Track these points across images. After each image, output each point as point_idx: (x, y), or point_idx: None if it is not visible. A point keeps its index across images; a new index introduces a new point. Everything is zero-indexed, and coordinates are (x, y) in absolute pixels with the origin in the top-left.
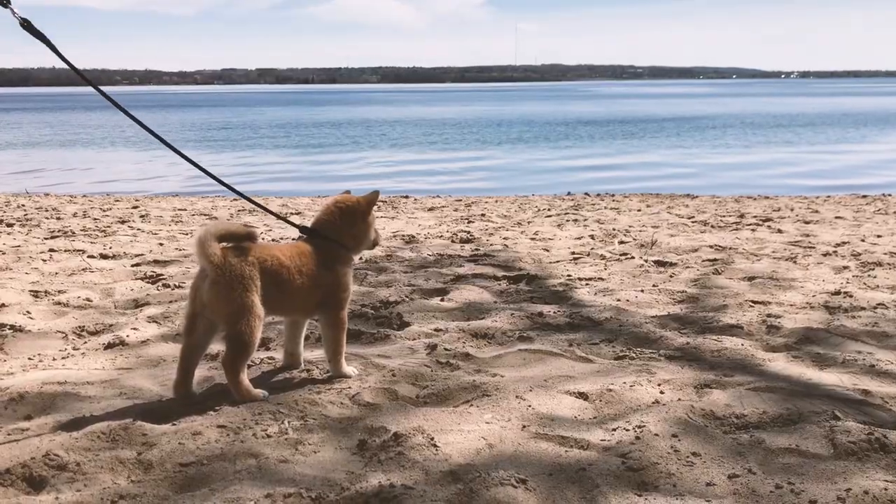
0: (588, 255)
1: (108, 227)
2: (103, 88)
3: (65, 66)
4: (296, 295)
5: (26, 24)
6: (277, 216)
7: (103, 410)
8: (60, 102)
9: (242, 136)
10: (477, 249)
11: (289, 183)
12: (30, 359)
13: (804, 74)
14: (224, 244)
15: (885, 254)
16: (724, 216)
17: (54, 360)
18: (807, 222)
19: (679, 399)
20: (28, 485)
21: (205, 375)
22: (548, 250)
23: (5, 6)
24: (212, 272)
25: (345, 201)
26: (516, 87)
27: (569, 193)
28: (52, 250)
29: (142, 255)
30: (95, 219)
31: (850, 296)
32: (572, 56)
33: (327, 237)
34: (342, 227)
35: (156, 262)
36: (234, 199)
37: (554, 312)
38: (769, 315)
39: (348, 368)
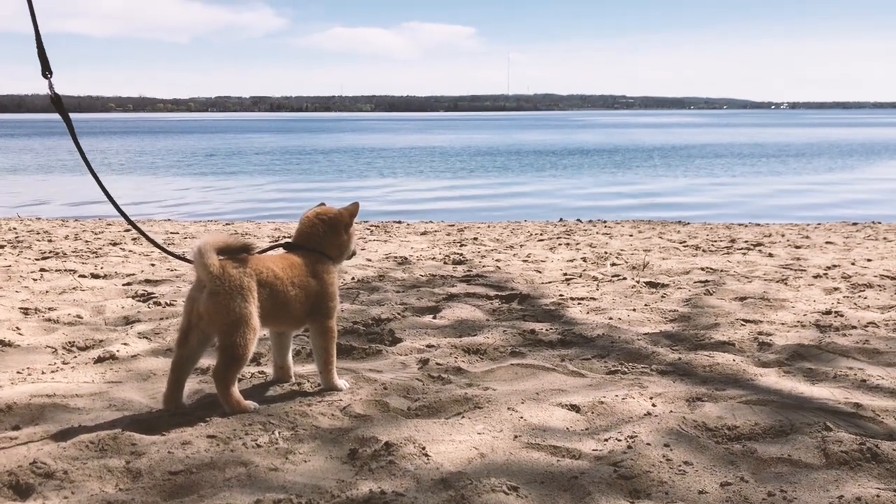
0: (580, 276)
1: (100, 248)
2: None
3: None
4: (289, 306)
5: (56, 100)
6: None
7: (92, 421)
8: (53, 128)
9: (227, 163)
10: (469, 270)
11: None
12: (18, 372)
13: (794, 105)
14: (221, 256)
15: (876, 276)
16: (715, 241)
17: (43, 373)
18: (797, 247)
19: (671, 411)
20: (14, 492)
21: (195, 388)
22: (540, 272)
23: (46, 77)
24: (210, 283)
25: (327, 213)
26: (509, 116)
27: (560, 219)
28: (42, 270)
29: (133, 274)
30: (87, 241)
31: (841, 315)
32: (565, 86)
33: (312, 249)
34: (325, 239)
35: (147, 281)
36: (226, 224)
37: (546, 330)
38: (760, 333)
39: (340, 381)
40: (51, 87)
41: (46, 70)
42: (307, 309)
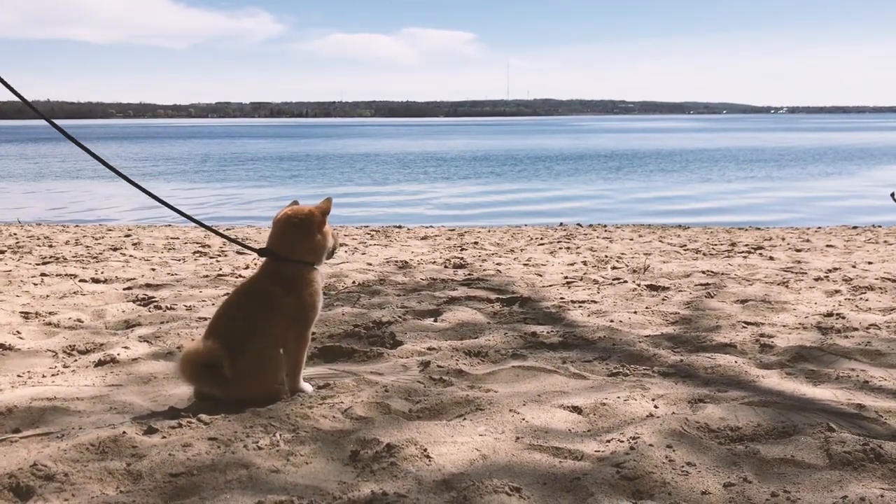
0: (581, 279)
1: (101, 253)
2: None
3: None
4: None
5: None
6: (233, 240)
7: (93, 424)
8: (52, 133)
9: (219, 168)
10: (470, 274)
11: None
12: (19, 376)
13: (793, 110)
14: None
15: (877, 279)
16: (715, 245)
17: (44, 377)
18: (798, 250)
19: (673, 412)
20: (14, 494)
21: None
22: (541, 275)
23: None
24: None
25: (297, 215)
26: (508, 121)
27: (561, 224)
28: (43, 275)
29: (133, 279)
30: (87, 246)
31: (843, 317)
32: (564, 91)
33: (287, 258)
34: (299, 243)
35: (147, 285)
36: (227, 228)
37: (547, 332)
38: (762, 335)
39: (305, 385)
40: None
41: None
42: (288, 323)
